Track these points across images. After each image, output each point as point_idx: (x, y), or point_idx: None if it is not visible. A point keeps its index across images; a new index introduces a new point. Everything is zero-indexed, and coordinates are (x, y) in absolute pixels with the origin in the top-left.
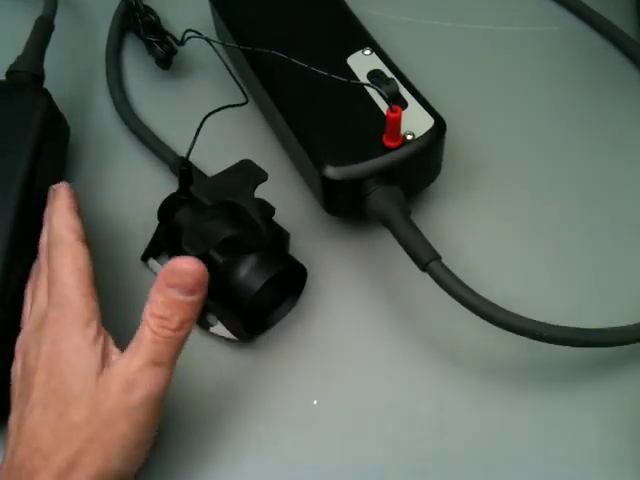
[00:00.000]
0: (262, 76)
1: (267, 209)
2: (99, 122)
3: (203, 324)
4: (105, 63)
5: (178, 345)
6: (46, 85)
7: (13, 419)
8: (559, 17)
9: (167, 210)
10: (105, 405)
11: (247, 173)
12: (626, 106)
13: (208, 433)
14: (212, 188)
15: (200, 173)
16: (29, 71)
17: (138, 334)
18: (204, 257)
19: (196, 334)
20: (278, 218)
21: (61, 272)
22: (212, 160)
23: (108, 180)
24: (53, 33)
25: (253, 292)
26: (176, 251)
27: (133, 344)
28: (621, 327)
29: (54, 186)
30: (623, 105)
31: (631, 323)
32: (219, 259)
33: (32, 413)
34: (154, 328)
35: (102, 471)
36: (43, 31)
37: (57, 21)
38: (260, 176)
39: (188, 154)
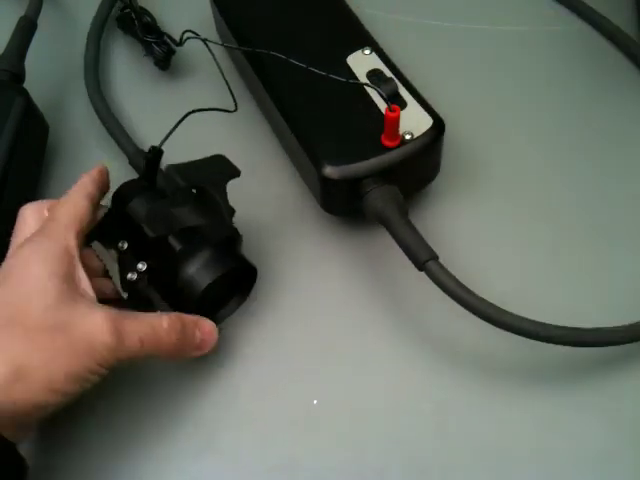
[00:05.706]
0: (262, 75)
1: (230, 208)
2: (81, 121)
3: None
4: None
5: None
6: (29, 84)
7: None
8: (560, 17)
9: (124, 195)
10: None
11: (222, 167)
12: (626, 105)
13: (206, 433)
14: (187, 171)
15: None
16: (9, 70)
17: (152, 331)
18: (162, 241)
19: None
20: (277, 215)
21: (57, 212)
22: None
23: None
24: (40, 33)
25: (203, 287)
26: (126, 236)
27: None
28: (615, 327)
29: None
30: (623, 105)
31: (627, 323)
32: (176, 246)
33: None
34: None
35: (47, 385)
36: (26, 30)
37: (43, 21)
38: (235, 172)
39: (162, 143)
